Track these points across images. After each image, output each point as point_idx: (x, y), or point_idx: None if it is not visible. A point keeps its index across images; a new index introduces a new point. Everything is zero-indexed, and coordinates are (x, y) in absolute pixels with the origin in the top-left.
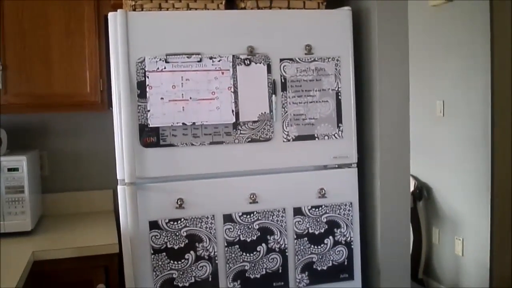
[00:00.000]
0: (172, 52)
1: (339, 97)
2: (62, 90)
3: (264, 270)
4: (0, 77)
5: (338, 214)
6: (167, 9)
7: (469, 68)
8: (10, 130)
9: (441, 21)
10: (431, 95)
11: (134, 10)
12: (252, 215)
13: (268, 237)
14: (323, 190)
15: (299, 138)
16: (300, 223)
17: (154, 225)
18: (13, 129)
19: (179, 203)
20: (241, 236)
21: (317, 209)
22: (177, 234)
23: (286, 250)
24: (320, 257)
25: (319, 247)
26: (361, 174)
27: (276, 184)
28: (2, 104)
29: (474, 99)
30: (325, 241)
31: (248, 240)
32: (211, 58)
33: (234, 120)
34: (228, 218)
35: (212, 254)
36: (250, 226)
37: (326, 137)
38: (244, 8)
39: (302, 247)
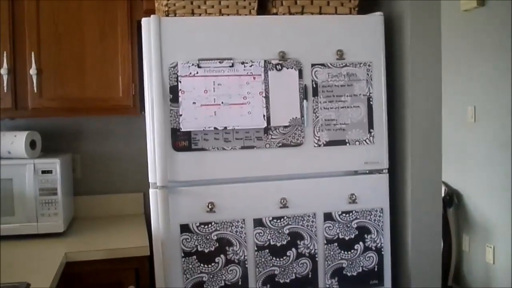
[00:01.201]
0: (204, 57)
1: (371, 102)
2: (95, 94)
3: (293, 275)
4: (35, 81)
5: (369, 220)
6: (200, 15)
7: (500, 73)
8: (44, 133)
9: (472, 26)
10: (462, 100)
11: (167, 15)
12: (282, 219)
13: (298, 242)
14: (354, 196)
15: (330, 143)
16: (330, 228)
17: (185, 228)
18: (47, 132)
19: (210, 207)
20: (271, 240)
21: (347, 215)
22: (208, 237)
23: (316, 255)
24: (350, 262)
25: (349, 252)
26: (392, 180)
27: (307, 189)
28: (37, 108)
29: (506, 104)
30: (355, 247)
31: (278, 244)
32: (243, 63)
33: (265, 125)
34: (258, 223)
35: (242, 258)
36: (280, 231)
37: (357, 143)
38: (276, 14)
39: (332, 253)
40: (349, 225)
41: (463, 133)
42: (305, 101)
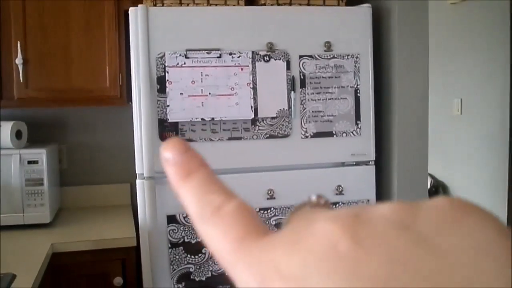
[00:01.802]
0: (192, 48)
1: (358, 94)
2: (81, 85)
3: None
4: (21, 71)
5: None
6: (188, 5)
7: (487, 66)
8: (30, 123)
9: (459, 19)
10: (448, 93)
11: (155, 5)
12: (269, 211)
13: None
14: (341, 187)
15: (317, 135)
16: None
17: (172, 219)
18: (33, 122)
19: None
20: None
21: (334, 206)
22: (194, 228)
23: None
24: None
25: None
26: (379, 172)
27: (294, 181)
28: (23, 98)
29: (492, 97)
30: None
31: None
32: (230, 54)
33: (252, 116)
34: None
35: None
36: (267, 222)
37: (344, 134)
38: (264, 5)
39: None
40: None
41: (449, 126)
42: (292, 92)
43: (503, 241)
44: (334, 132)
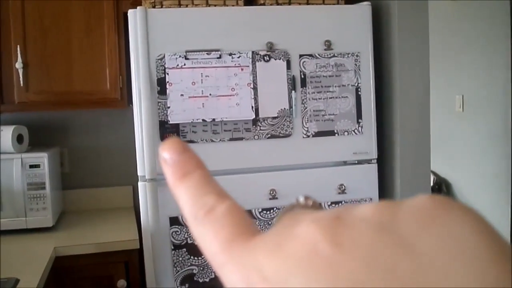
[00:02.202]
0: (191, 49)
1: (359, 92)
2: (82, 88)
3: None
4: (21, 75)
5: None
6: (187, 6)
7: (489, 62)
8: (31, 127)
9: (461, 16)
10: (450, 90)
11: (154, 7)
12: (272, 211)
13: None
14: (343, 186)
15: (318, 134)
16: None
17: (174, 221)
18: (34, 126)
19: None
20: (261, 232)
21: (337, 205)
22: (189, 229)
23: None
24: None
25: None
26: (381, 170)
27: (296, 180)
28: (23, 102)
29: (494, 94)
30: None
31: None
32: (230, 54)
33: (253, 116)
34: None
35: None
36: (270, 222)
37: (346, 133)
38: (263, 4)
39: None
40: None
41: (452, 122)
42: (293, 92)
43: (481, 240)
44: (335, 131)
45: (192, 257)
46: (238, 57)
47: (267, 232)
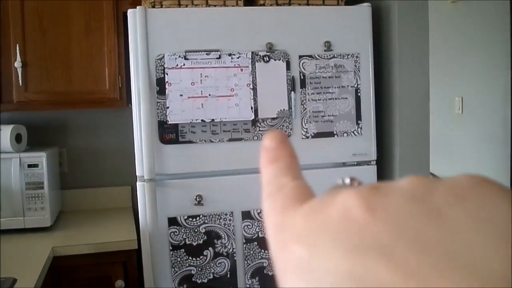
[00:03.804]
0: (191, 49)
1: (358, 94)
2: (81, 87)
3: None
4: (20, 75)
5: None
6: (186, 6)
7: (488, 65)
8: (30, 127)
9: (460, 18)
10: (450, 92)
11: (153, 7)
12: None
13: None
14: None
15: (318, 135)
16: None
17: (173, 221)
18: (33, 126)
19: (198, 199)
20: (259, 233)
21: None
22: (196, 230)
23: None
24: None
25: None
26: (380, 172)
27: None
28: (22, 101)
29: (494, 96)
30: None
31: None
32: (230, 54)
33: (253, 117)
34: (246, 215)
35: (230, 251)
36: None
37: (345, 134)
38: (263, 5)
39: None
40: None
41: (451, 124)
42: (292, 93)
43: (510, 219)
44: (335, 132)
45: (190, 257)
46: (238, 58)
47: (313, 199)
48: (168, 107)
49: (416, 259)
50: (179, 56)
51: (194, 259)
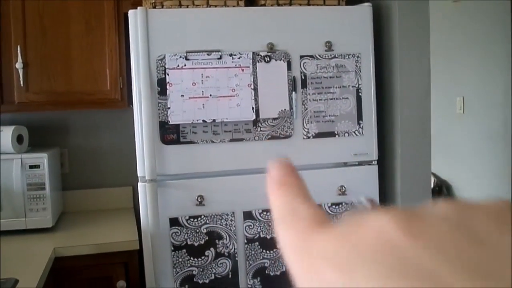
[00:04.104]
0: (192, 49)
1: (360, 94)
2: (82, 88)
3: (284, 267)
4: (21, 75)
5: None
6: (187, 6)
7: (489, 64)
8: (31, 127)
9: (461, 18)
10: (451, 91)
11: (154, 7)
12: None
13: None
14: (343, 187)
15: (319, 135)
16: None
17: (174, 222)
18: (34, 126)
19: (199, 200)
20: (261, 233)
21: (337, 207)
22: (197, 231)
23: None
24: None
25: None
26: (382, 172)
27: None
28: (23, 102)
29: (495, 96)
30: None
31: (268, 237)
32: (231, 55)
33: (254, 117)
34: (248, 215)
35: (232, 251)
36: (270, 224)
37: (346, 134)
38: (264, 5)
39: None
40: (339, 217)
41: (452, 124)
42: (294, 93)
43: None
44: (336, 132)
45: (192, 258)
46: (239, 58)
47: (339, 223)
48: (169, 108)
49: (462, 284)
50: (180, 57)
51: (195, 259)
